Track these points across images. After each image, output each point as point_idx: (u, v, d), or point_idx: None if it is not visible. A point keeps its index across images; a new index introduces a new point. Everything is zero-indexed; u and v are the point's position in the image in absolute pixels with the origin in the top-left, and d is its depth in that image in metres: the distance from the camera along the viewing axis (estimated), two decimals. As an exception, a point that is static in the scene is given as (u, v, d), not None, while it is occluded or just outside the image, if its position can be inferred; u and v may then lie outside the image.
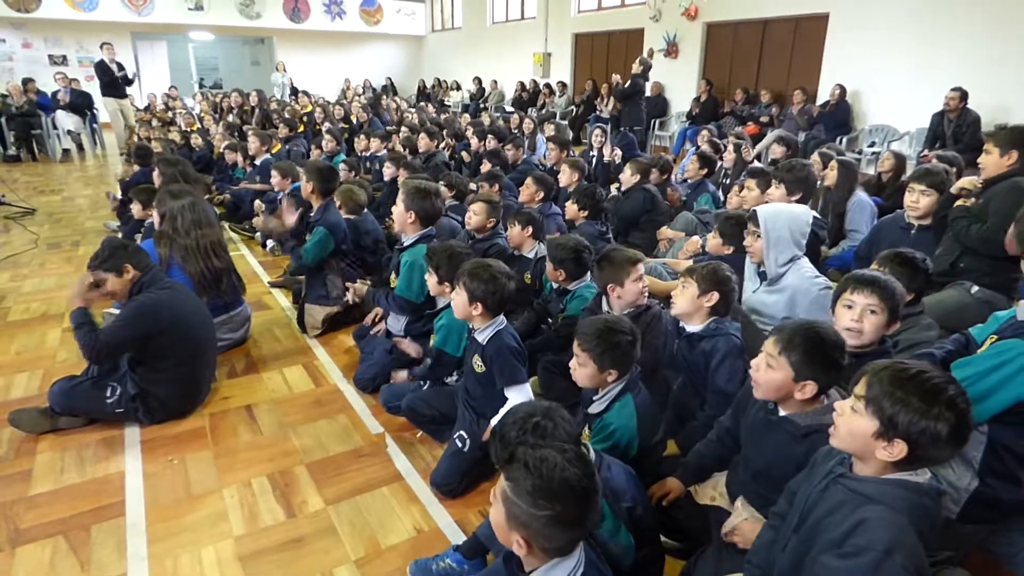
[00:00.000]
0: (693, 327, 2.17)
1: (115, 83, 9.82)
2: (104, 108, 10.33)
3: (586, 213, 3.65)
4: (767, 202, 3.37)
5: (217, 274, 3.02)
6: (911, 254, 2.18)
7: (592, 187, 3.75)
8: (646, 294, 2.41)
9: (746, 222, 2.86)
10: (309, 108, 9.22)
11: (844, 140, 7.77)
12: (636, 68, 8.37)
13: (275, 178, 4.49)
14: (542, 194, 4.01)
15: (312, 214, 3.41)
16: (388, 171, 5.20)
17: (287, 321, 3.67)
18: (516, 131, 7.83)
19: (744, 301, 2.71)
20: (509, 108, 12.85)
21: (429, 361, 2.61)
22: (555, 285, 2.88)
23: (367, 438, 2.55)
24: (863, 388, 1.22)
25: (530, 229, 3.35)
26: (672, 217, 4.51)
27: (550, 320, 3.04)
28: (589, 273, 2.88)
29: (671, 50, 10.72)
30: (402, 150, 6.10)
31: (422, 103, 12.50)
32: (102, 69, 9.69)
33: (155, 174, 4.02)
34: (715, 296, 2.11)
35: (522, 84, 13.94)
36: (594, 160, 6.49)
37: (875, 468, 1.23)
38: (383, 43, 18.13)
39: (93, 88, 10.77)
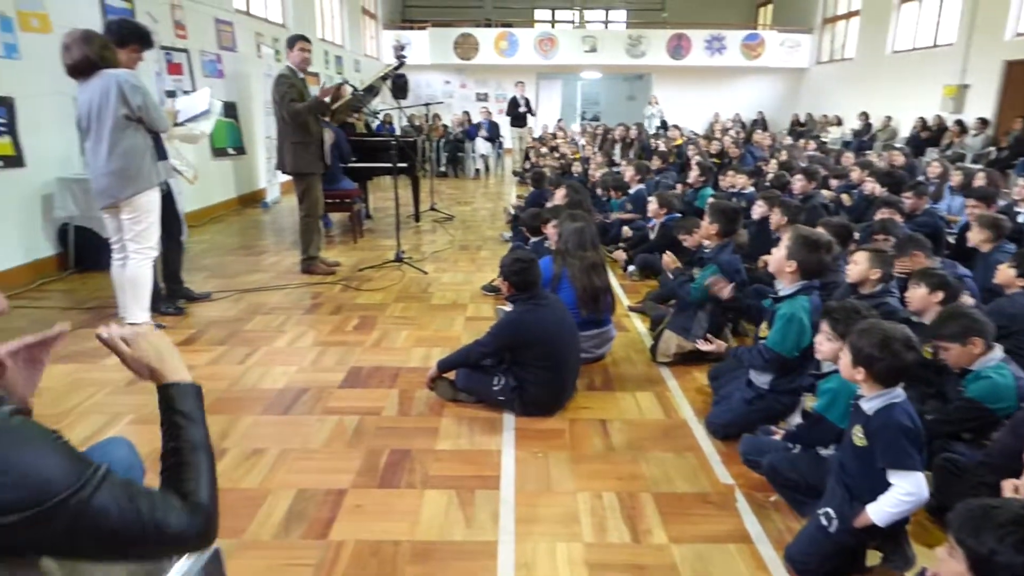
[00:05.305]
0: None
1: (519, 116, 11.74)
2: (508, 136, 12.50)
3: (1024, 283, 2.92)
4: None
5: (596, 292, 3.32)
6: None
7: (1039, 253, 2.99)
8: None
9: None
10: (680, 141, 9.50)
11: None
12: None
13: (652, 206, 4.75)
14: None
15: (706, 251, 3.49)
16: (758, 210, 5.00)
17: (642, 346, 3.82)
18: (903, 171, 6.75)
19: None
20: (898, 145, 11.19)
21: (799, 420, 2.41)
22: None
23: (715, 485, 2.47)
24: None
25: (940, 295, 2.84)
26: None
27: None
28: (1000, 348, 2.33)
29: None
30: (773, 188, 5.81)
31: (799, 140, 11.72)
32: (512, 103, 11.68)
33: (560, 194, 4.67)
34: None
35: (923, 120, 11.98)
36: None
37: None
38: (759, 76, 17.64)
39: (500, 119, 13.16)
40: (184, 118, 4.14)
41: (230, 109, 8.33)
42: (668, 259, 3.66)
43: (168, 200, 3.97)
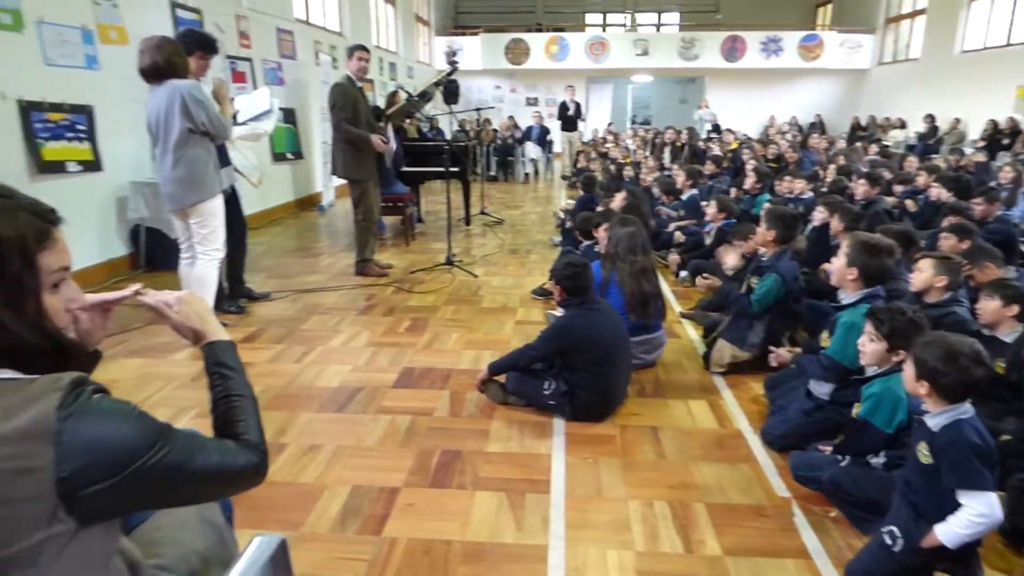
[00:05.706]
0: None
1: (569, 120, 11.75)
2: (557, 140, 12.51)
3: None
4: None
5: (645, 297, 3.30)
6: None
7: None
8: None
9: None
10: (734, 146, 9.32)
11: None
12: None
13: (711, 210, 4.68)
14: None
15: (763, 259, 3.41)
16: (819, 215, 4.85)
17: (695, 353, 3.76)
18: (969, 174, 6.44)
19: None
20: (968, 150, 10.69)
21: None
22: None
23: (771, 498, 2.41)
24: None
25: (1015, 308, 2.70)
26: None
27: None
28: None
29: None
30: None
31: (857, 144, 11.33)
32: (562, 107, 11.70)
33: (620, 197, 4.62)
34: None
35: (994, 123, 11.40)
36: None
37: None
38: (817, 78, 17.13)
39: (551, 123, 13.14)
40: (246, 118, 4.30)
41: (289, 115, 8.61)
42: (731, 258, 3.56)
43: (233, 204, 4.13)
